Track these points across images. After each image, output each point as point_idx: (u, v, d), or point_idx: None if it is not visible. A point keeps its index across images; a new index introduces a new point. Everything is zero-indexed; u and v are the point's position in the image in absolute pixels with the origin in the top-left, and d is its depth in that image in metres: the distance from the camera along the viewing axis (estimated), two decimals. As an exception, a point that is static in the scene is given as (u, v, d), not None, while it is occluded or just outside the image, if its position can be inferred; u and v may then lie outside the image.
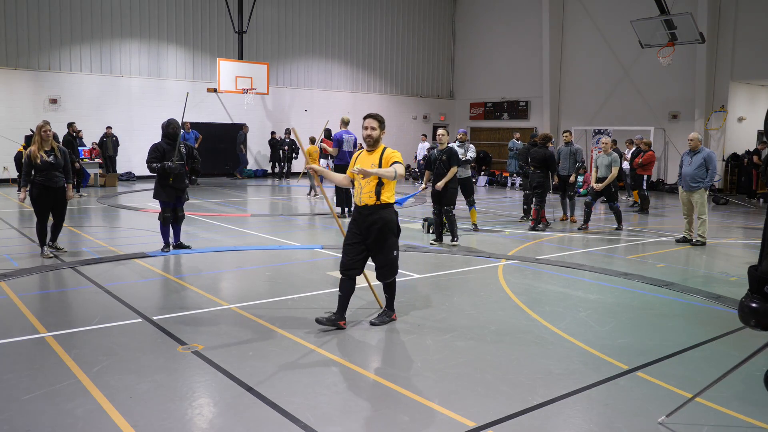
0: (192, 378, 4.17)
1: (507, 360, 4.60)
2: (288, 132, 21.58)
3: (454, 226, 9.31)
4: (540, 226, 11.03)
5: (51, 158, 7.80)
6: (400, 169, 5.10)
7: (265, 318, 5.49)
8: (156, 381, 4.07)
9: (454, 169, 9.13)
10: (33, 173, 7.77)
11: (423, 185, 9.58)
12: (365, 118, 5.34)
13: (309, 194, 16.11)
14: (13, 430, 3.39)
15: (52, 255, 7.88)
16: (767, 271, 2.68)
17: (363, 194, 5.20)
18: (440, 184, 9.11)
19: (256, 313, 5.65)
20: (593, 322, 5.61)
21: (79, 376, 4.10)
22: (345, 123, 12.32)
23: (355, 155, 5.45)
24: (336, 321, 5.20)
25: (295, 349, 4.74)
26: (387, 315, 5.46)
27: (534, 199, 11.12)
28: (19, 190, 7.87)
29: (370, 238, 5.20)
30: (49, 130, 7.88)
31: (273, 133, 22.23)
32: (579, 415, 3.74)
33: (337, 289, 5.29)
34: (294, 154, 22.20)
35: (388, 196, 5.22)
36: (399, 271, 6.35)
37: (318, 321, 5.19)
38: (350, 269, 5.21)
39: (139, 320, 5.38)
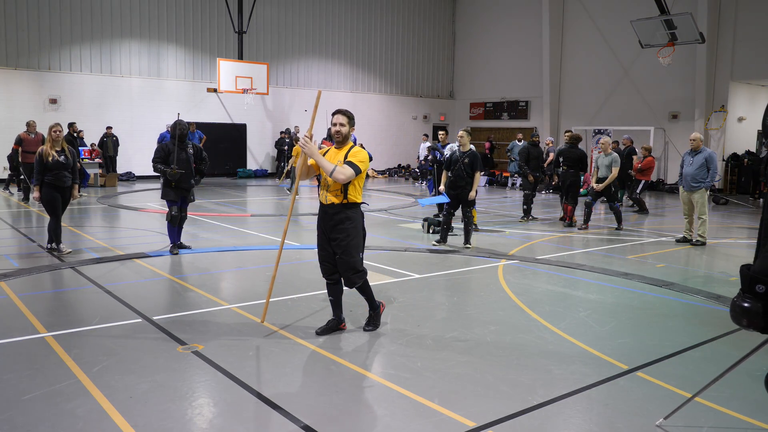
0: (192, 378, 4.17)
1: (507, 360, 4.60)
2: (287, 132, 21.50)
3: (470, 228, 9.28)
4: (567, 223, 11.45)
5: (62, 158, 7.92)
6: (347, 171, 4.74)
7: (265, 318, 5.49)
8: (156, 381, 4.07)
9: (478, 176, 9.11)
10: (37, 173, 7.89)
11: (442, 187, 9.32)
12: (334, 113, 4.96)
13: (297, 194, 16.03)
14: (13, 430, 3.39)
15: (69, 250, 8.01)
16: (759, 270, 2.66)
17: (330, 192, 4.89)
18: (472, 194, 9.04)
19: (256, 313, 5.65)
20: (593, 322, 5.61)
21: (79, 376, 4.10)
22: None
23: (323, 150, 5.09)
24: (337, 324, 5.18)
25: (295, 349, 4.74)
26: (376, 316, 5.26)
27: (567, 198, 11.46)
28: (24, 190, 7.92)
29: (335, 238, 4.93)
30: (60, 131, 8.03)
31: (282, 132, 22.01)
32: (579, 415, 3.74)
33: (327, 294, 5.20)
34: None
35: (355, 195, 4.91)
36: (399, 271, 6.33)
37: (318, 333, 5.08)
38: (332, 274, 5.07)
39: (139, 320, 5.38)
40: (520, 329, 5.35)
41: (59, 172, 7.92)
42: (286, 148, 21.84)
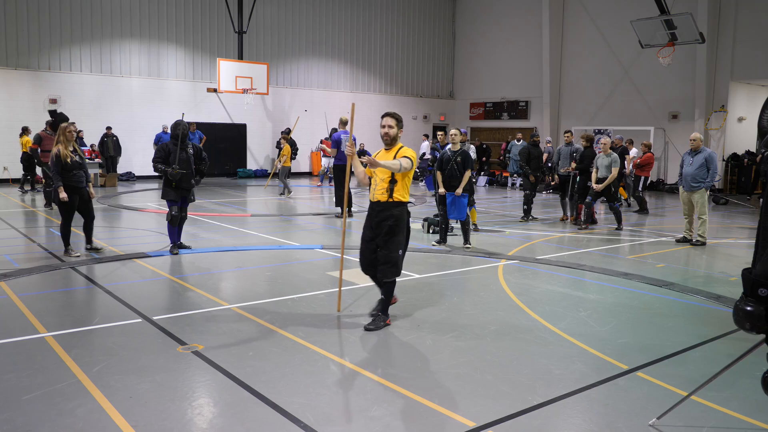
0: (192, 378, 4.17)
1: (507, 360, 4.60)
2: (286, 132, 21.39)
3: (469, 228, 9.27)
4: (582, 222, 11.51)
5: (77, 158, 7.88)
6: (405, 162, 5.09)
7: (265, 318, 5.49)
8: (156, 381, 4.07)
9: (468, 174, 9.02)
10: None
11: (442, 189, 9.16)
12: (383, 116, 5.32)
13: (283, 194, 15.99)
14: (13, 430, 3.39)
15: (78, 254, 7.92)
16: (761, 273, 2.65)
17: (376, 191, 5.26)
18: (459, 191, 8.95)
19: (256, 313, 5.65)
20: (593, 322, 5.61)
21: (79, 376, 4.10)
22: (344, 123, 12.30)
23: (374, 154, 5.45)
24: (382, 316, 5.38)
25: (295, 349, 4.74)
26: (381, 320, 5.31)
27: (581, 198, 11.48)
28: (46, 195, 7.85)
29: (379, 233, 5.24)
30: (74, 131, 7.93)
31: (282, 133, 21.91)
32: (579, 415, 3.74)
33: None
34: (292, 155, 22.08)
35: (401, 194, 5.23)
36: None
37: (367, 329, 5.19)
38: (366, 269, 5.36)
39: (139, 320, 5.38)
40: (520, 329, 5.35)
41: (77, 173, 7.86)
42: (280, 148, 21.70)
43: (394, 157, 5.18)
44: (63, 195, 7.77)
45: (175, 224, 8.31)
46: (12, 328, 5.11)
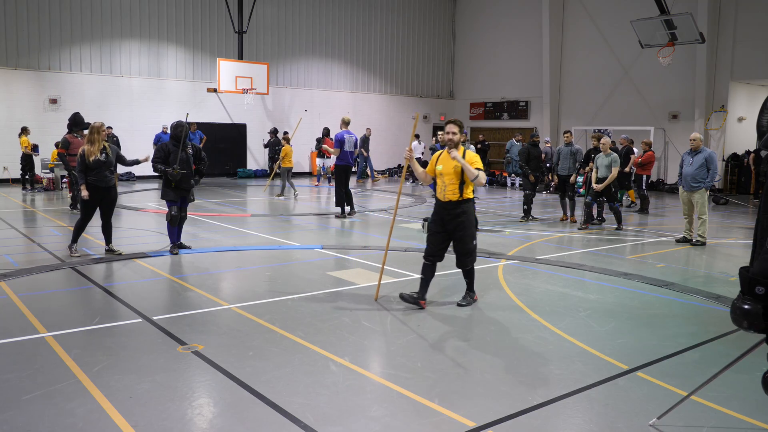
0: (192, 378, 4.17)
1: (507, 360, 4.60)
2: (274, 132, 21.24)
3: None
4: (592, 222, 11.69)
5: (102, 156, 7.85)
6: (483, 178, 5.76)
7: (265, 318, 5.50)
8: (156, 381, 4.07)
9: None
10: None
11: None
12: (447, 123, 5.93)
13: (282, 195, 15.95)
14: (13, 430, 3.39)
15: (78, 255, 7.90)
16: (758, 272, 2.66)
17: (447, 192, 5.85)
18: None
19: (256, 313, 5.65)
20: (593, 322, 5.61)
21: (79, 376, 4.10)
22: (346, 123, 12.29)
23: (435, 155, 6.09)
24: (417, 300, 5.89)
25: (295, 349, 4.74)
26: (470, 296, 6.10)
27: (598, 199, 11.47)
28: (72, 197, 7.85)
29: (453, 230, 5.86)
30: (105, 130, 7.94)
31: (270, 132, 21.83)
32: (579, 415, 3.74)
33: (420, 273, 6.02)
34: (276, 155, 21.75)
35: (468, 192, 5.89)
36: (399, 271, 6.29)
37: (402, 297, 5.94)
38: (433, 256, 5.95)
39: (139, 320, 5.38)
40: (520, 329, 5.35)
41: (100, 172, 7.84)
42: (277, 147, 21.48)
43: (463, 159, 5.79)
44: (84, 193, 7.79)
45: (175, 224, 8.32)
46: (12, 328, 5.11)
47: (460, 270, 6.17)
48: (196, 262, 7.88)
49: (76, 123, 11.84)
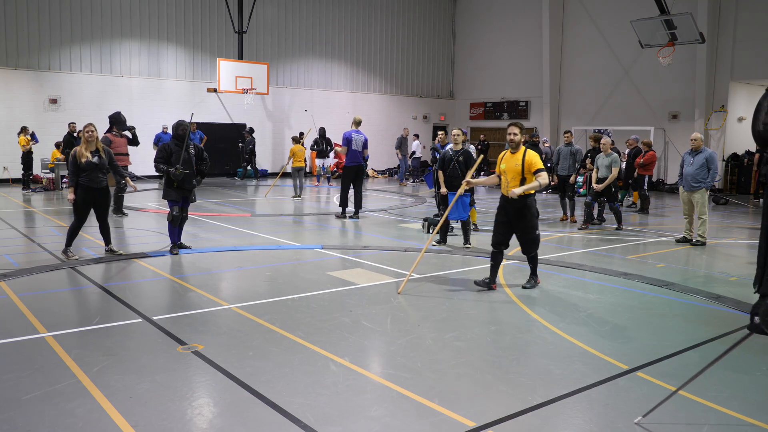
0: (192, 378, 4.17)
1: (507, 360, 4.60)
2: (250, 131, 21.18)
3: (469, 228, 9.25)
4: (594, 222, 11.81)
5: (95, 159, 7.81)
6: (543, 179, 6.39)
7: (265, 318, 5.50)
8: (156, 381, 4.07)
9: (470, 173, 8.95)
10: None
11: (443, 189, 9.14)
12: (509, 125, 6.65)
13: (296, 196, 15.91)
14: (13, 430, 3.40)
15: (76, 257, 7.83)
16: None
17: (510, 187, 6.54)
18: (461, 191, 8.87)
19: (256, 313, 5.65)
20: (593, 322, 5.61)
21: (79, 376, 4.10)
22: (357, 123, 12.24)
23: (501, 155, 6.78)
24: (489, 284, 6.63)
25: (295, 349, 4.74)
26: (534, 279, 6.82)
27: (598, 199, 11.48)
28: (116, 200, 7.84)
29: (516, 222, 6.58)
30: (93, 131, 7.88)
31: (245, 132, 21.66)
32: (579, 415, 3.74)
33: (489, 260, 6.75)
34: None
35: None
36: (399, 271, 6.27)
37: (476, 282, 6.68)
38: (500, 244, 6.69)
39: (139, 320, 5.38)
40: (520, 329, 5.35)
41: (92, 173, 7.78)
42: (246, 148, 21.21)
43: (522, 160, 6.47)
44: (71, 196, 7.76)
45: (176, 224, 8.31)
46: (12, 328, 5.11)
47: (460, 269, 6.18)
48: (196, 262, 7.88)
49: (117, 122, 11.83)
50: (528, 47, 24.30)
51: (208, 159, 8.55)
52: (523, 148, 6.56)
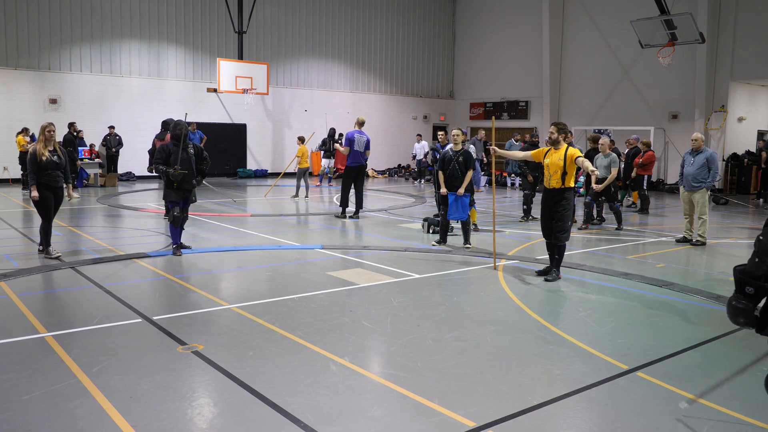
0: (192, 378, 4.17)
1: (507, 360, 4.60)
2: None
3: (469, 228, 9.25)
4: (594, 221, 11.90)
5: (55, 158, 7.85)
6: (582, 162, 6.87)
7: (265, 318, 5.50)
8: (156, 381, 4.07)
9: (470, 173, 8.94)
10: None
11: (443, 189, 9.04)
12: (551, 125, 7.23)
13: (295, 196, 15.89)
14: (13, 430, 3.40)
15: (59, 254, 7.86)
16: (750, 272, 2.78)
17: (552, 180, 7.12)
18: (461, 191, 8.85)
19: (256, 313, 5.65)
20: (593, 322, 5.61)
21: (79, 376, 4.10)
22: (360, 123, 12.23)
23: (545, 149, 7.34)
24: (549, 271, 7.23)
25: (295, 349, 4.74)
26: (555, 273, 7.20)
27: (598, 199, 11.47)
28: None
29: (554, 211, 7.11)
30: (53, 130, 7.90)
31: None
32: (579, 415, 3.74)
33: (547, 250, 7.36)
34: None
35: (569, 182, 7.11)
36: (399, 271, 6.27)
37: (537, 272, 7.39)
38: (549, 237, 7.26)
39: (139, 320, 5.38)
40: (520, 329, 5.35)
41: (53, 172, 7.83)
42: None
43: (564, 156, 6.99)
44: (34, 194, 7.78)
45: (177, 225, 8.30)
46: (12, 328, 5.11)
47: (460, 269, 6.18)
48: (196, 262, 7.88)
49: (167, 128, 11.82)
50: (528, 47, 24.30)
51: (208, 159, 8.54)
52: (565, 145, 7.10)
